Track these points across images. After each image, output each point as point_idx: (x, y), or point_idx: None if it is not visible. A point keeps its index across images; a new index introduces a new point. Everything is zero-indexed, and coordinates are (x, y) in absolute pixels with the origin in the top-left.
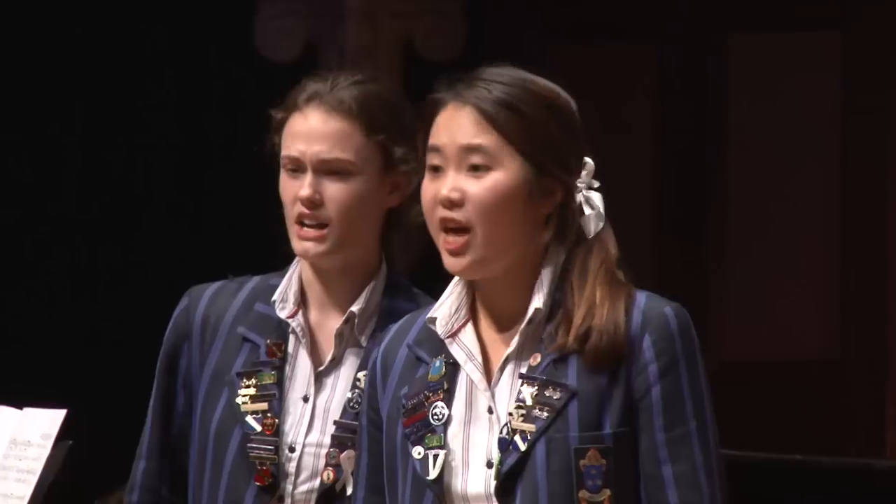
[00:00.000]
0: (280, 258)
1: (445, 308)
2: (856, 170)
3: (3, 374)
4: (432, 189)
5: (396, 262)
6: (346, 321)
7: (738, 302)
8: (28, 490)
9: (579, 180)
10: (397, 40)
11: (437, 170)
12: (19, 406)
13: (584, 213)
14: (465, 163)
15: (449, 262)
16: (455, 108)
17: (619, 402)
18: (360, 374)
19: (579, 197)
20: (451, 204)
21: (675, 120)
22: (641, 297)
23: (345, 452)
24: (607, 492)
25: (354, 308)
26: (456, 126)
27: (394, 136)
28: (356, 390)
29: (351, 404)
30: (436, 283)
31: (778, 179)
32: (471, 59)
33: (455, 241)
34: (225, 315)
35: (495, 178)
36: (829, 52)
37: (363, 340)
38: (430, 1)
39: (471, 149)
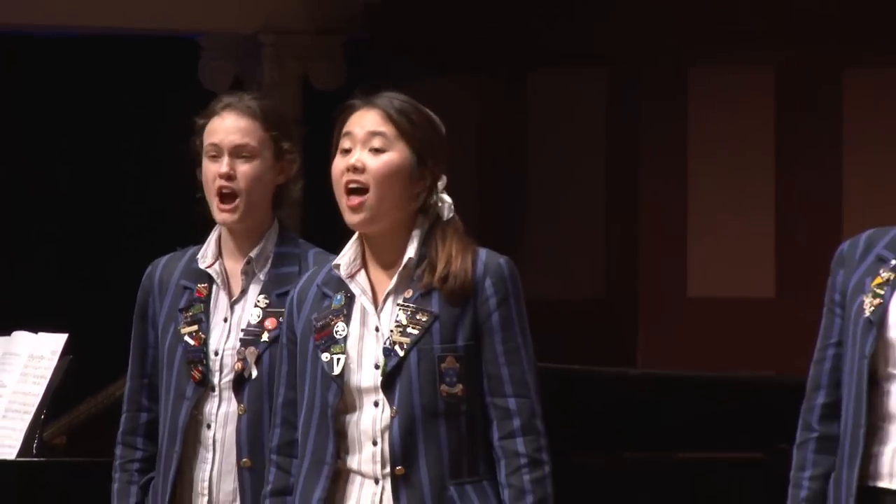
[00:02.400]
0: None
1: (346, 258)
2: (617, 164)
3: (23, 308)
4: (342, 163)
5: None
6: (248, 263)
7: (533, 259)
8: (41, 390)
9: (439, 184)
10: (297, 76)
11: (347, 151)
12: (35, 331)
13: (440, 205)
14: (368, 144)
15: (349, 217)
16: (365, 110)
17: (469, 324)
18: (260, 298)
19: (438, 195)
20: (356, 170)
21: (494, 141)
22: (483, 253)
23: (248, 349)
24: (460, 386)
25: (252, 254)
26: (365, 120)
27: (282, 133)
28: (258, 308)
29: (253, 317)
30: (323, 238)
31: (563, 177)
32: (349, 90)
33: (355, 199)
34: (173, 275)
35: (389, 157)
36: (598, 84)
37: (261, 276)
38: (321, 48)
39: (375, 133)
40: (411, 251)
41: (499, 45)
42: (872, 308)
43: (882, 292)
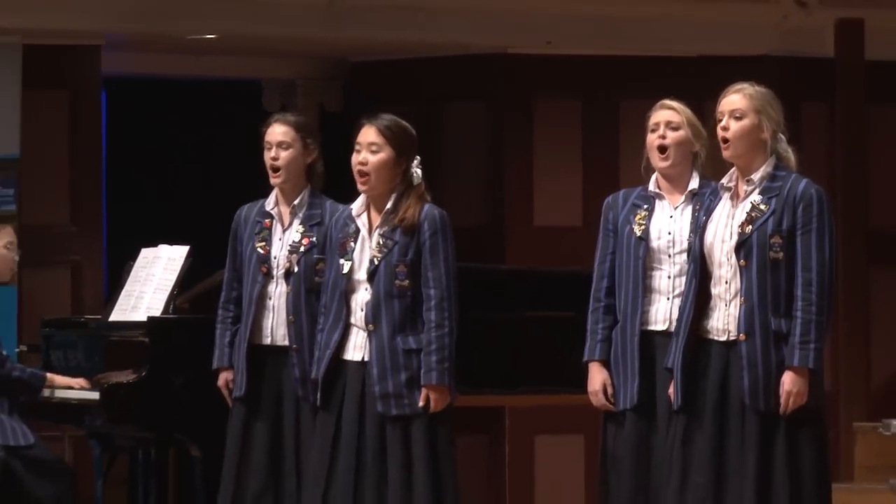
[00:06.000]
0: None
1: (357, 205)
2: (493, 156)
3: (166, 231)
4: (356, 159)
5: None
6: (293, 207)
7: (446, 204)
8: (175, 276)
9: (413, 163)
10: (316, 103)
11: (358, 151)
12: (172, 244)
13: (413, 175)
14: (369, 149)
15: (360, 188)
16: (367, 126)
17: (414, 246)
18: (300, 227)
19: (413, 170)
20: (362, 164)
21: (424, 148)
22: (426, 206)
23: (293, 255)
24: (407, 281)
25: (295, 202)
26: (366, 132)
27: (306, 134)
28: (297, 234)
29: (295, 238)
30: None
31: (463, 166)
32: (348, 113)
33: (363, 180)
34: (251, 214)
35: (379, 156)
36: (480, 113)
37: (300, 215)
38: (328, 88)
39: (371, 143)
40: (389, 205)
41: (421, 88)
42: (641, 230)
43: (644, 223)
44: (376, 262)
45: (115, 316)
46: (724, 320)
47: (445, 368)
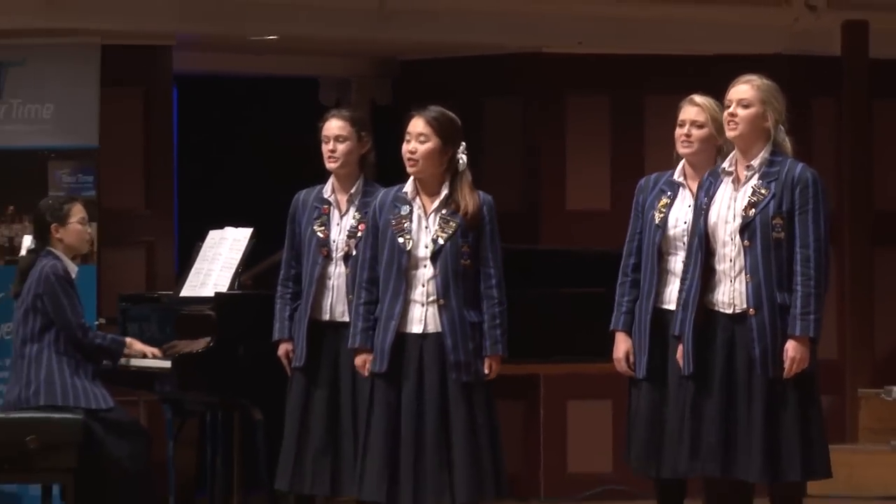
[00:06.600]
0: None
1: (409, 187)
2: (529, 149)
3: (232, 215)
4: (406, 147)
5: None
6: (350, 195)
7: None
8: (239, 255)
9: (459, 149)
10: (368, 97)
11: (408, 141)
12: (237, 227)
13: (460, 161)
14: (417, 138)
15: (410, 171)
16: (416, 117)
17: (476, 230)
18: (356, 214)
19: (459, 155)
20: (411, 152)
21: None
22: (481, 193)
23: (351, 239)
24: (469, 261)
25: (352, 190)
26: (415, 123)
27: (361, 127)
28: (354, 220)
29: (352, 224)
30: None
31: (506, 159)
32: (396, 106)
33: (412, 166)
34: (309, 200)
35: (427, 145)
36: (516, 108)
37: (356, 202)
38: (379, 83)
39: (420, 133)
40: (446, 189)
41: (463, 84)
42: (660, 218)
43: (665, 210)
44: (441, 242)
45: (185, 292)
46: (729, 295)
47: (505, 341)
